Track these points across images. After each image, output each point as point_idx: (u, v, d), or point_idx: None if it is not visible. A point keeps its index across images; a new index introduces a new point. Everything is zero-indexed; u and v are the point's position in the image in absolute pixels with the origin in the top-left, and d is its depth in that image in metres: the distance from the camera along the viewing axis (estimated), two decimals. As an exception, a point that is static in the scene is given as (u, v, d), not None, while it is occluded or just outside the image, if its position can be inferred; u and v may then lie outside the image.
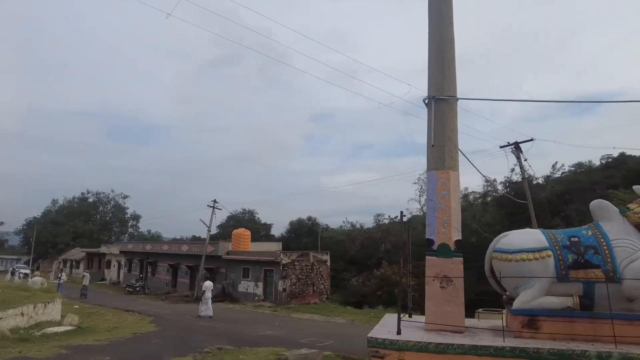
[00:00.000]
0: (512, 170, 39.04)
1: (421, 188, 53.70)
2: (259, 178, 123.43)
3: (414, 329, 7.02)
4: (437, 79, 7.97)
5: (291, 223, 58.47)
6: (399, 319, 6.65)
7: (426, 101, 8.07)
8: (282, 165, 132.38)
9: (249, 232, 32.29)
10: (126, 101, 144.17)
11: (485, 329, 7.20)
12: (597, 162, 60.22)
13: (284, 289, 26.31)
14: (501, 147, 18.60)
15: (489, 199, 42.99)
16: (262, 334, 15.48)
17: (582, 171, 56.45)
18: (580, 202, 39.22)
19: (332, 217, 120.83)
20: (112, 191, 74.57)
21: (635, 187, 7.08)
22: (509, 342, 6.01)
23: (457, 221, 7.39)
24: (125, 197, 75.15)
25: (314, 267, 28.39)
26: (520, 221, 36.53)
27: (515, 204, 38.16)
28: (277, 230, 66.35)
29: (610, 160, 64.53)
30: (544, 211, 36.11)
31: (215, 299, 28.00)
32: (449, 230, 7.29)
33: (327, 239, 57.66)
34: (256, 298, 27.18)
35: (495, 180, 39.92)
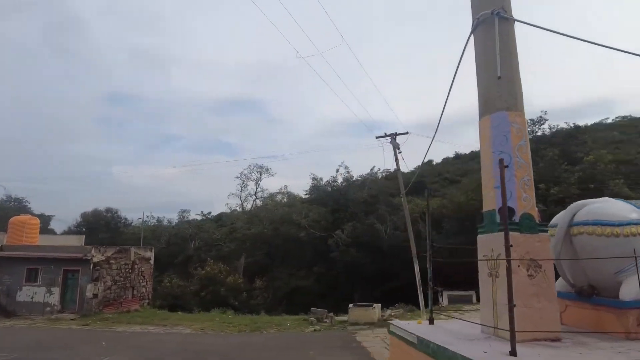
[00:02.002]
0: (337, 170, 40.69)
1: (243, 183, 51.05)
2: (33, 161, 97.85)
3: (499, 341, 4.47)
4: (496, -6, 5.71)
5: (84, 215, 47.24)
6: (513, 334, 3.96)
7: (480, 18, 5.69)
8: (65, 149, 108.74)
9: (37, 220, 23.40)
10: None
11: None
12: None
13: (95, 295, 19.60)
14: (377, 137, 17.83)
15: (311, 196, 43.61)
16: (98, 363, 10.16)
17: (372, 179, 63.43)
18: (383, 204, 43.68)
19: (133, 212, 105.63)
20: None
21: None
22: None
23: (532, 184, 5.22)
24: None
25: (135, 266, 22.32)
26: (344, 217, 38.09)
27: (337, 201, 39.73)
28: (60, 224, 52.87)
29: (388, 174, 75.66)
30: (360, 210, 38.55)
31: (-22, 314, 18.92)
32: (531, 195, 5.05)
33: (129, 235, 48.80)
34: (48, 309, 19.45)
35: (321, 179, 40.75)
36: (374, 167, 40.90)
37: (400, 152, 17.42)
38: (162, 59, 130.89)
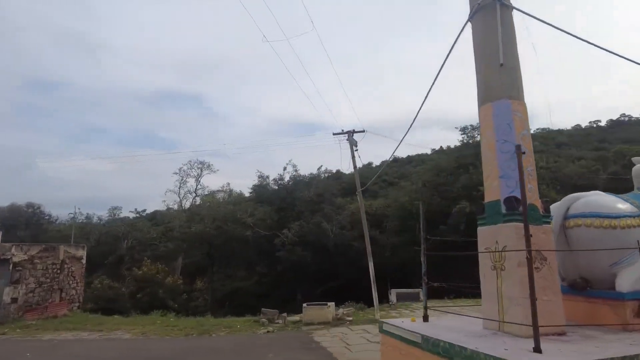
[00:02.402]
0: (285, 168, 39.98)
1: (182, 179, 48.49)
2: None
3: (509, 337, 4.22)
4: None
5: (-1, 210, 42.20)
6: (537, 329, 3.71)
7: (480, 4, 5.48)
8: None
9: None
10: None
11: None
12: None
13: (14, 299, 17.31)
14: (334, 134, 17.54)
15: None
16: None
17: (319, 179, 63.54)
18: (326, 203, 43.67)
19: (59, 208, 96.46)
20: None
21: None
22: None
23: (535, 174, 5.08)
24: None
25: (65, 265, 20.11)
26: (290, 216, 37.45)
27: (284, 200, 38.99)
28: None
29: (330, 175, 76.81)
30: (307, 209, 38.19)
31: None
32: (535, 185, 4.89)
33: (53, 232, 44.42)
34: (-46, 317, 16.83)
35: (268, 177, 39.83)
36: (321, 166, 40.78)
37: (357, 150, 17.24)
38: (92, 45, 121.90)
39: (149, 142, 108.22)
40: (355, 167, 17.19)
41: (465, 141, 31.65)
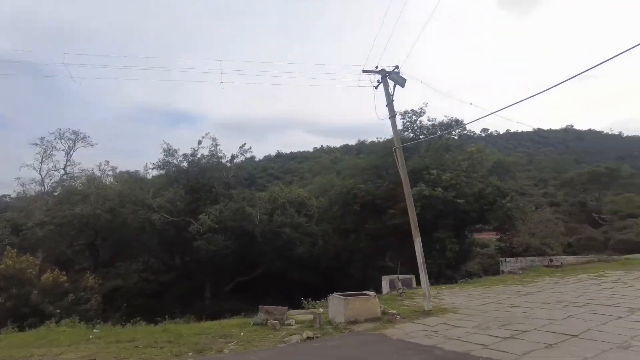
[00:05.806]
0: (199, 142, 32.32)
1: (44, 152, 35.77)
2: None
3: None
4: None
5: None
6: None
7: None
8: None
9: None
10: None
11: None
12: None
13: None
14: (365, 71, 12.99)
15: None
16: None
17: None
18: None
19: None
20: None
21: None
22: None
23: None
24: None
25: None
26: (206, 199, 30.21)
27: (197, 179, 31.33)
28: None
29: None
30: (224, 192, 31.55)
31: None
32: None
33: None
34: None
35: (176, 151, 31.71)
36: (244, 144, 33.89)
37: (392, 94, 12.88)
38: None
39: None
40: (393, 115, 12.85)
41: (405, 126, 29.85)
